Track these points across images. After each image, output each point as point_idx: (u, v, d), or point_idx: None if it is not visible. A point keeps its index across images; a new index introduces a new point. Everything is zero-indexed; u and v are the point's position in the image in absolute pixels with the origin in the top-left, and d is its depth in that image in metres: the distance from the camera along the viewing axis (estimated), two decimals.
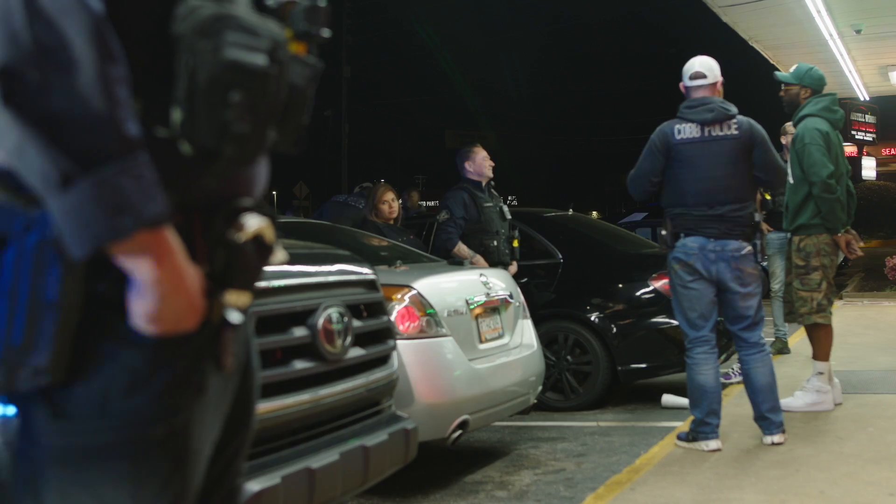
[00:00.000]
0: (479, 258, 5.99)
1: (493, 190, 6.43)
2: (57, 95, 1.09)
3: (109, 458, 1.21)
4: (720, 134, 4.60)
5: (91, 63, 1.10)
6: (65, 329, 1.17)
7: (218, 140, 1.19)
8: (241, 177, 1.31)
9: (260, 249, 1.31)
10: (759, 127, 4.68)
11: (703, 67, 4.73)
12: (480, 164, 6.29)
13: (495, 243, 6.18)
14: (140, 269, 1.16)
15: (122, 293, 1.19)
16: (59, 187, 1.09)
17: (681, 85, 4.78)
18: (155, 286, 1.16)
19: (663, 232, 4.71)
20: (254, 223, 1.29)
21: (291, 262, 3.18)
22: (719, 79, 4.74)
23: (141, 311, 1.18)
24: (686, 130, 4.61)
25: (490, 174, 6.33)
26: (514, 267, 6.22)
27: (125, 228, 1.11)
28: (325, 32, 1.36)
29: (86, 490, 1.22)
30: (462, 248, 6.01)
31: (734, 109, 4.64)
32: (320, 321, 3.02)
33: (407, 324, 4.17)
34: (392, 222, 6.64)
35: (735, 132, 4.60)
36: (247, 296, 1.31)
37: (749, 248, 4.60)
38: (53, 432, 1.22)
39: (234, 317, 1.28)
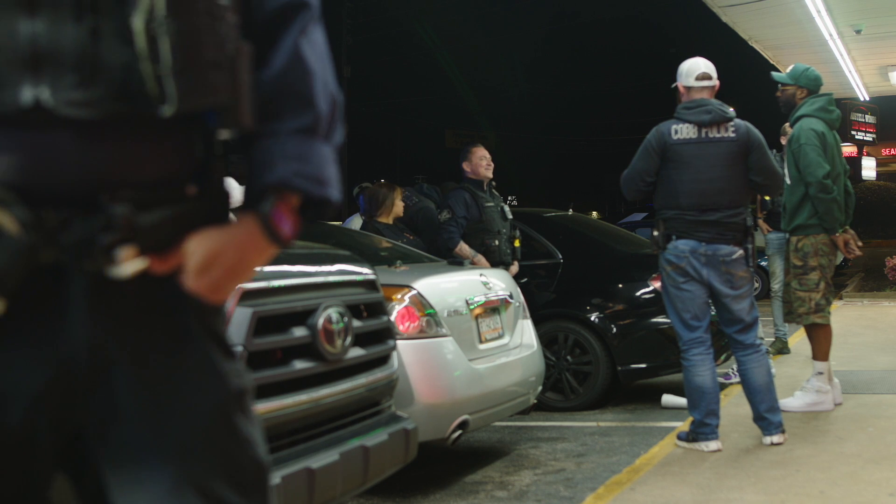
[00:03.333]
0: (480, 258, 5.99)
1: (494, 190, 6.43)
2: None
3: None
4: (717, 136, 4.60)
5: None
6: None
7: None
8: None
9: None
10: (756, 131, 4.68)
11: (709, 69, 4.73)
12: (476, 163, 6.28)
13: (497, 243, 6.19)
14: None
15: None
16: None
17: (679, 85, 4.77)
18: None
19: (655, 233, 4.71)
20: None
21: (291, 262, 3.18)
22: (717, 82, 4.77)
23: None
24: (683, 131, 4.61)
25: (488, 175, 6.31)
26: (514, 267, 6.23)
27: None
28: None
29: None
30: (464, 248, 6.01)
31: (732, 112, 4.64)
32: (320, 321, 3.02)
33: (407, 324, 4.17)
34: (392, 222, 6.63)
35: (732, 135, 4.60)
36: None
37: (740, 251, 4.60)
38: None
39: None
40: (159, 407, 1.21)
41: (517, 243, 6.39)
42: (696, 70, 4.74)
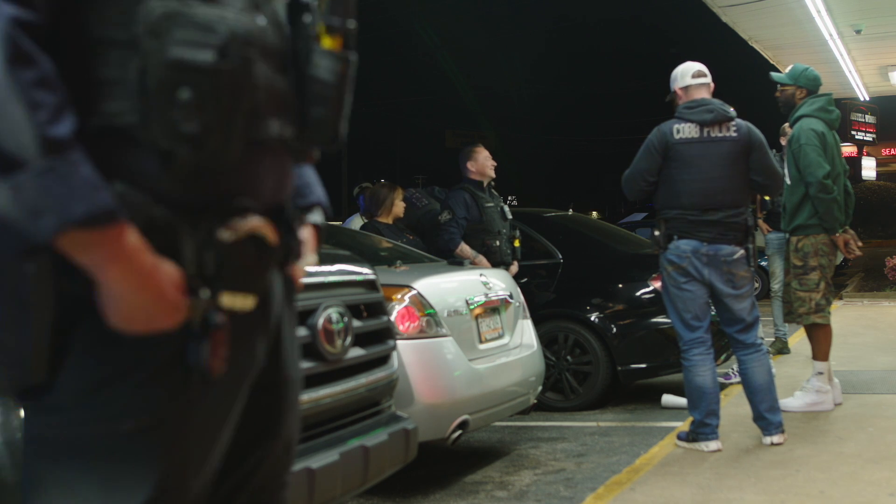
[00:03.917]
0: (481, 258, 5.99)
1: (493, 190, 6.44)
2: None
3: (80, 452, 1.22)
4: (719, 135, 4.60)
5: (2, 69, 1.09)
6: (40, 329, 1.17)
7: (170, 140, 1.17)
8: (236, 175, 1.27)
9: (259, 251, 1.28)
10: (757, 131, 4.69)
11: (702, 67, 4.76)
12: (483, 163, 6.30)
13: (497, 243, 6.19)
14: (92, 267, 1.15)
15: (93, 293, 1.18)
16: None
17: (676, 89, 4.77)
18: (113, 284, 1.16)
19: (656, 233, 4.71)
20: (248, 223, 1.26)
21: None
22: (712, 82, 4.78)
23: (108, 308, 1.17)
24: (685, 130, 4.60)
25: (492, 174, 6.34)
26: (514, 267, 6.23)
27: (46, 228, 1.10)
28: (351, 24, 1.38)
29: (59, 484, 1.22)
30: (465, 249, 6.01)
31: (733, 112, 4.65)
32: (320, 321, 3.02)
33: (407, 324, 4.17)
34: (392, 222, 6.63)
35: (734, 134, 4.60)
36: (247, 298, 1.28)
37: (742, 251, 4.60)
38: (34, 426, 1.24)
39: (218, 318, 1.23)
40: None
41: (517, 243, 6.39)
42: (690, 69, 4.75)
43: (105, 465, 1.22)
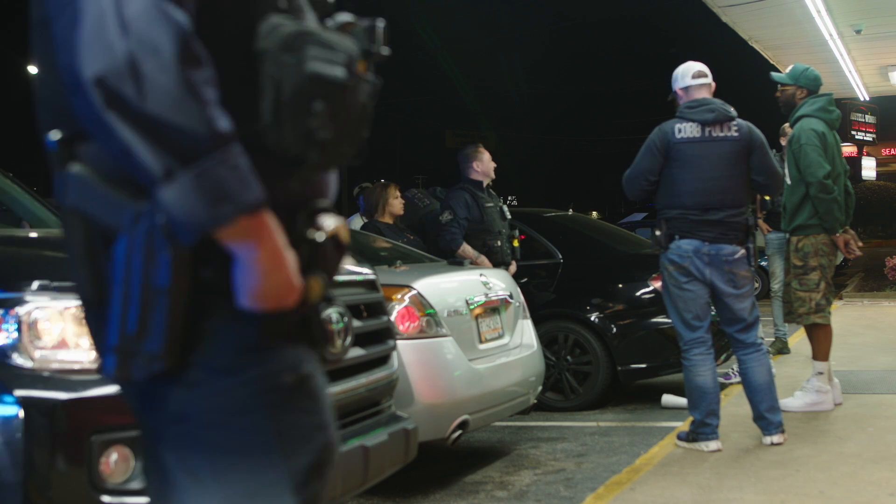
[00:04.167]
0: (483, 259, 5.99)
1: (491, 190, 6.45)
2: (151, 100, 1.19)
3: (249, 412, 1.30)
4: (720, 135, 4.60)
5: (179, 69, 1.20)
6: (175, 314, 1.26)
7: (303, 146, 1.29)
8: (319, 180, 1.41)
9: (336, 248, 1.40)
10: (758, 131, 4.69)
11: (703, 68, 4.76)
12: (487, 164, 6.32)
13: (498, 243, 6.19)
14: (243, 250, 1.25)
15: (226, 277, 1.28)
16: (164, 182, 1.20)
17: (677, 90, 4.77)
18: (257, 265, 1.26)
19: (657, 233, 4.70)
20: (331, 223, 1.38)
21: None
22: (713, 82, 4.78)
23: (246, 288, 1.27)
24: (686, 130, 4.60)
25: (493, 175, 6.37)
26: (513, 266, 6.23)
27: (226, 215, 1.21)
28: (385, 51, 1.45)
29: (233, 451, 1.29)
30: (467, 249, 6.01)
31: (734, 112, 4.65)
32: None
33: (407, 324, 4.17)
34: (393, 221, 6.62)
35: (735, 134, 4.60)
36: (324, 291, 1.40)
37: (743, 251, 4.60)
38: (177, 404, 1.29)
39: (330, 299, 1.39)
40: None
41: (516, 243, 6.39)
42: (691, 69, 4.75)
43: (279, 417, 1.31)
